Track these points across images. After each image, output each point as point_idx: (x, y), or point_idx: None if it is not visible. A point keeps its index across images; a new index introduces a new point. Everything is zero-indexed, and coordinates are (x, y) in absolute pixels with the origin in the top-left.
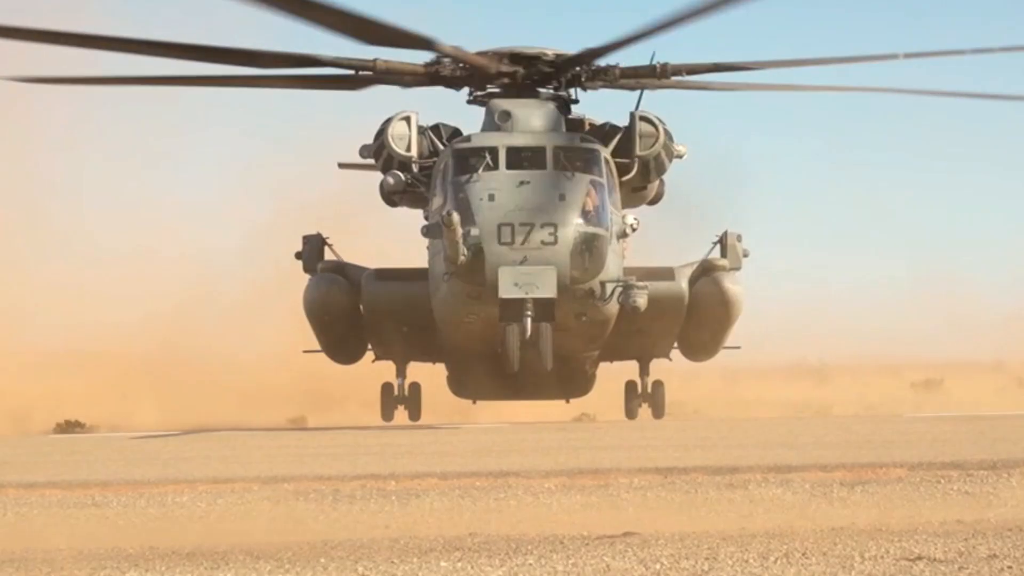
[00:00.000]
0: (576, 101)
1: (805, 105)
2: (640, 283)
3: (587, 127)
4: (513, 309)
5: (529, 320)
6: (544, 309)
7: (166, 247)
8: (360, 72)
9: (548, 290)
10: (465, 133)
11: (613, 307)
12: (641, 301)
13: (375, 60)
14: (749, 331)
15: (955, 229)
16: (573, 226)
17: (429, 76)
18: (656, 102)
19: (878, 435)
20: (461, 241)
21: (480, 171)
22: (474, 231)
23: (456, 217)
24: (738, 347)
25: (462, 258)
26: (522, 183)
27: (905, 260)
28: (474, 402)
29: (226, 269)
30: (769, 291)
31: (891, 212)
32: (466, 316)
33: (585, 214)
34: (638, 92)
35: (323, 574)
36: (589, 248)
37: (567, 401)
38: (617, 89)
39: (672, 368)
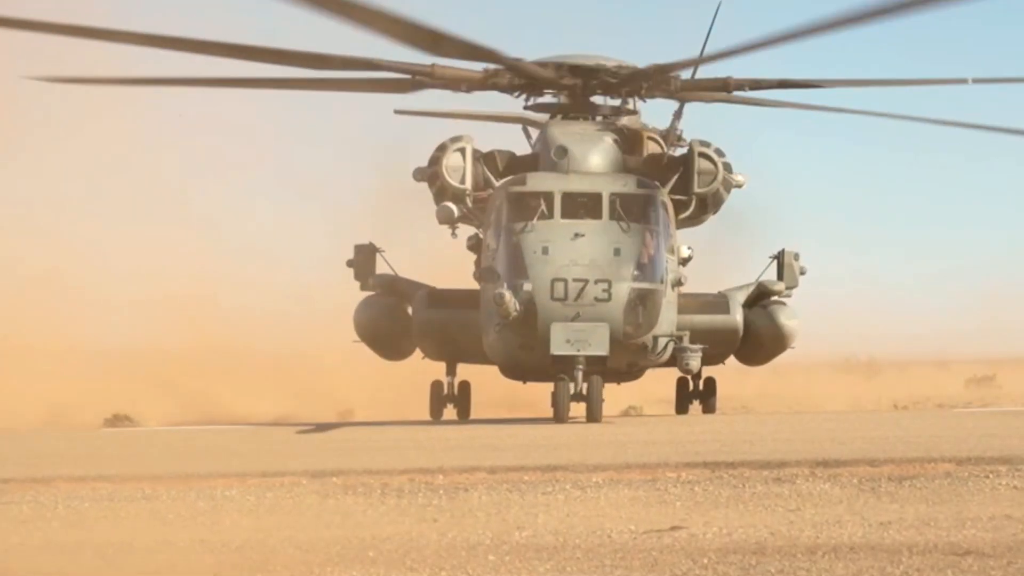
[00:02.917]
0: (633, 112)
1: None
2: (694, 346)
3: (645, 141)
4: (564, 365)
5: (580, 374)
6: (596, 365)
7: (216, 242)
8: (417, 76)
9: (601, 348)
10: (519, 153)
11: (664, 357)
12: (694, 364)
13: (433, 66)
14: (800, 318)
15: (1009, 226)
16: (627, 282)
17: (486, 83)
18: (709, 114)
19: (926, 430)
20: (512, 305)
21: (534, 220)
22: (527, 286)
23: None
24: (792, 347)
25: (514, 313)
26: (576, 236)
27: (956, 257)
28: (524, 382)
29: (272, 262)
30: (819, 287)
31: (944, 209)
32: (517, 362)
33: (640, 267)
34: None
35: (372, 568)
36: (643, 303)
37: (618, 383)
38: (676, 100)
39: (722, 365)
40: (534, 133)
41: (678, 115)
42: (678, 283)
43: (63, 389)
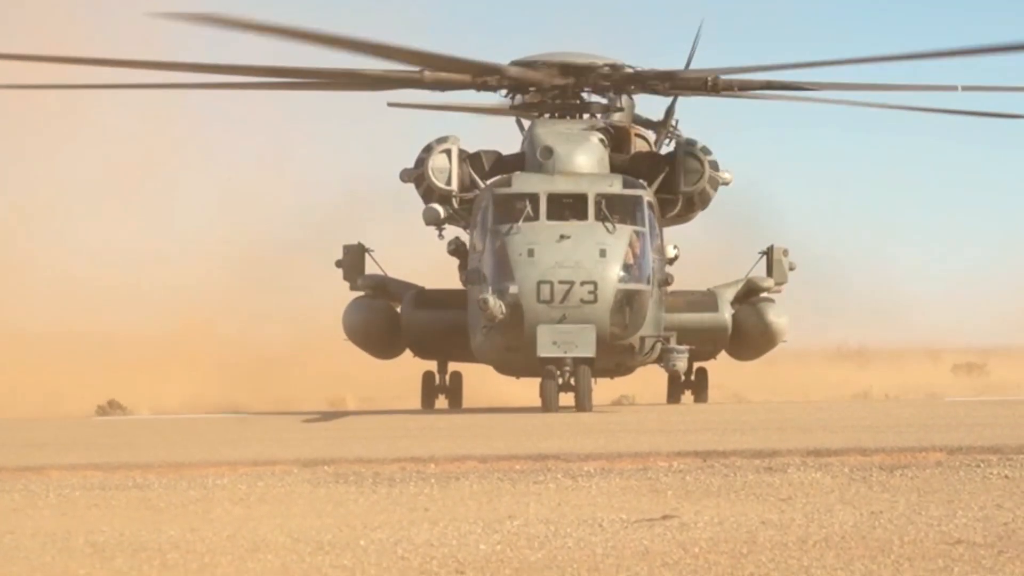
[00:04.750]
0: (621, 109)
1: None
2: (680, 347)
3: (633, 138)
4: (551, 367)
5: (567, 373)
6: (583, 366)
7: (208, 229)
8: (406, 80)
9: (587, 349)
10: (506, 153)
11: (652, 357)
12: (681, 365)
13: (422, 71)
14: (789, 314)
15: (1001, 215)
16: (614, 283)
17: (477, 85)
18: (696, 107)
19: (917, 419)
20: (497, 310)
21: (520, 222)
22: (512, 288)
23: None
24: (784, 341)
25: (500, 316)
26: (562, 237)
27: (947, 244)
28: (517, 378)
29: (266, 251)
30: (809, 274)
31: (936, 199)
32: (505, 363)
33: (627, 268)
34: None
35: (363, 556)
36: (630, 305)
37: (611, 378)
38: (663, 96)
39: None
40: (527, 124)
41: (670, 111)
42: (665, 283)
43: (55, 377)
